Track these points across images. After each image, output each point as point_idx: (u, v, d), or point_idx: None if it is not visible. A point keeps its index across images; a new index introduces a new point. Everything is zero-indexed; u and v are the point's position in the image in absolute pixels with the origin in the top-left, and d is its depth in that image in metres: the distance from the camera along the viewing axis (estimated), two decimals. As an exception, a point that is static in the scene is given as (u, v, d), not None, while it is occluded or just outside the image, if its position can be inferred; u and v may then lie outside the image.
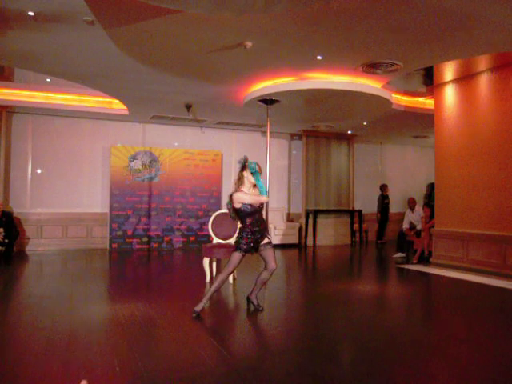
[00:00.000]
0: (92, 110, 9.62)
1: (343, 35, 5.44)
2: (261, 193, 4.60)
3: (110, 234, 10.24)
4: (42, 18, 4.97)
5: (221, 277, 4.63)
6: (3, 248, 8.24)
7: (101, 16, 4.87)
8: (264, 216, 5.72)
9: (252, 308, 4.82)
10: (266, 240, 4.73)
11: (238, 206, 4.57)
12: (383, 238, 12.29)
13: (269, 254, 4.72)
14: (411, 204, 9.63)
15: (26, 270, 7.94)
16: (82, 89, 8.70)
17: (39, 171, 10.05)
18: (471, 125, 7.67)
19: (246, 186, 4.64)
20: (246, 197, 4.57)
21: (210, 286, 4.70)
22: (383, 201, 12.44)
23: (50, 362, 3.25)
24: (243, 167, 4.66)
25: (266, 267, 4.75)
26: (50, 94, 9.19)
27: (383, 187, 12.54)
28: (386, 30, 5.25)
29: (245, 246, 4.60)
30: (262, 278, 4.80)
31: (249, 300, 4.90)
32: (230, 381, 3.02)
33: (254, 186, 4.68)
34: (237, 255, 4.62)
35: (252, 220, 4.62)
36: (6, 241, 8.39)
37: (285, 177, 12.28)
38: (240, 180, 4.67)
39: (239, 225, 4.81)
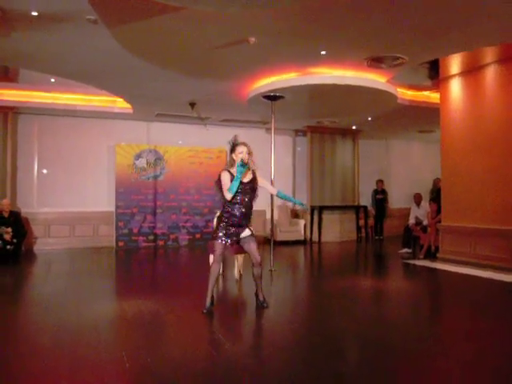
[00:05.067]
0: (96, 109, 9.67)
1: (347, 29, 5.42)
2: (229, 188, 4.43)
3: (116, 232, 10.27)
4: (45, 18, 4.98)
5: (211, 266, 4.62)
6: (12, 247, 8.28)
7: (104, 15, 4.88)
8: (268, 212, 5.63)
9: (259, 304, 4.82)
10: (246, 232, 4.63)
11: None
12: (381, 234, 12.21)
13: (251, 247, 4.63)
14: (417, 199, 9.60)
15: (35, 268, 7.98)
16: (87, 88, 8.71)
17: (45, 171, 10.10)
18: (478, 118, 7.63)
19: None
20: (223, 180, 4.51)
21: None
22: (375, 196, 12.44)
23: (60, 359, 3.27)
24: (232, 149, 4.60)
25: (252, 263, 4.68)
26: (54, 95, 9.24)
27: (377, 182, 12.53)
28: (391, 24, 5.22)
29: (220, 234, 4.56)
30: (254, 274, 4.74)
31: (257, 297, 4.89)
32: (237, 376, 3.03)
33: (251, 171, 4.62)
34: (216, 244, 4.59)
35: (229, 205, 4.54)
36: (15, 240, 8.42)
37: (289, 173, 12.27)
38: (230, 162, 4.61)
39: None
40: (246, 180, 4.57)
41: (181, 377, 2.98)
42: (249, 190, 4.58)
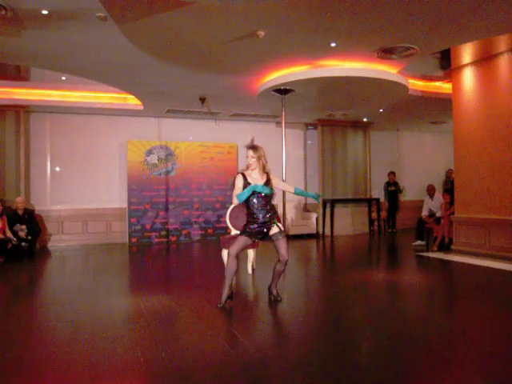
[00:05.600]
0: (107, 107, 9.73)
1: (356, 20, 5.37)
2: (238, 196, 4.49)
3: (129, 228, 10.35)
4: (55, 17, 5.02)
5: (228, 261, 4.62)
6: (26, 244, 8.40)
7: (113, 11, 4.90)
8: (280, 206, 5.64)
9: (272, 298, 4.84)
10: (275, 229, 4.65)
11: None
12: (393, 227, 12.16)
13: (280, 244, 4.64)
14: (430, 191, 9.54)
15: (49, 265, 8.08)
16: (97, 85, 8.80)
17: (58, 169, 10.20)
18: (491, 108, 7.53)
19: (252, 171, 4.61)
20: (236, 184, 4.57)
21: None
22: (387, 188, 12.39)
23: (75, 354, 3.31)
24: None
25: (278, 259, 4.71)
26: (65, 92, 9.32)
27: (388, 174, 12.46)
28: (401, 13, 5.16)
29: (246, 229, 4.61)
30: (276, 269, 4.77)
31: (269, 291, 4.91)
32: (253, 369, 3.05)
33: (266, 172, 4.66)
34: (239, 238, 4.65)
35: (250, 205, 4.60)
36: (29, 237, 8.55)
37: (301, 167, 12.25)
38: (246, 164, 4.66)
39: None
40: (260, 183, 4.58)
41: (196, 371, 3.01)
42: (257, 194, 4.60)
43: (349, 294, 5.35)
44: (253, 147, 4.60)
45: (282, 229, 4.74)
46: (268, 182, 4.65)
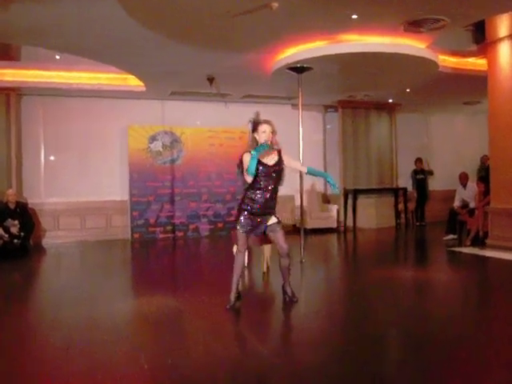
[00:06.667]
0: (106, 88, 9.71)
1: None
2: (247, 169, 4.39)
3: (131, 223, 10.39)
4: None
5: (235, 261, 4.61)
6: (19, 241, 8.46)
7: (110, -17, 4.87)
8: (297, 197, 5.57)
9: (287, 299, 4.81)
10: (273, 220, 4.62)
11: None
12: (422, 220, 12.07)
13: (277, 235, 4.62)
14: (463, 180, 9.44)
15: (44, 264, 8.17)
16: (95, 65, 8.76)
17: (52, 158, 10.25)
18: (532, 86, 7.39)
19: None
20: (245, 163, 4.46)
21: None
22: (415, 176, 12.29)
23: (73, 361, 3.32)
24: (254, 128, 4.57)
25: (279, 253, 4.67)
26: (60, 73, 9.30)
27: (415, 161, 12.33)
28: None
29: (242, 223, 4.54)
30: (281, 265, 4.74)
31: (284, 290, 4.88)
32: (265, 376, 3.04)
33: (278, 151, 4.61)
34: (238, 234, 4.60)
35: (251, 190, 4.53)
36: (22, 234, 8.60)
37: (319, 153, 12.17)
38: (252, 142, 4.57)
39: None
40: (270, 163, 4.54)
41: (204, 380, 3.00)
42: (273, 173, 4.54)
43: (374, 295, 5.31)
44: (267, 121, 4.55)
45: (279, 219, 4.69)
46: (280, 162, 4.59)
